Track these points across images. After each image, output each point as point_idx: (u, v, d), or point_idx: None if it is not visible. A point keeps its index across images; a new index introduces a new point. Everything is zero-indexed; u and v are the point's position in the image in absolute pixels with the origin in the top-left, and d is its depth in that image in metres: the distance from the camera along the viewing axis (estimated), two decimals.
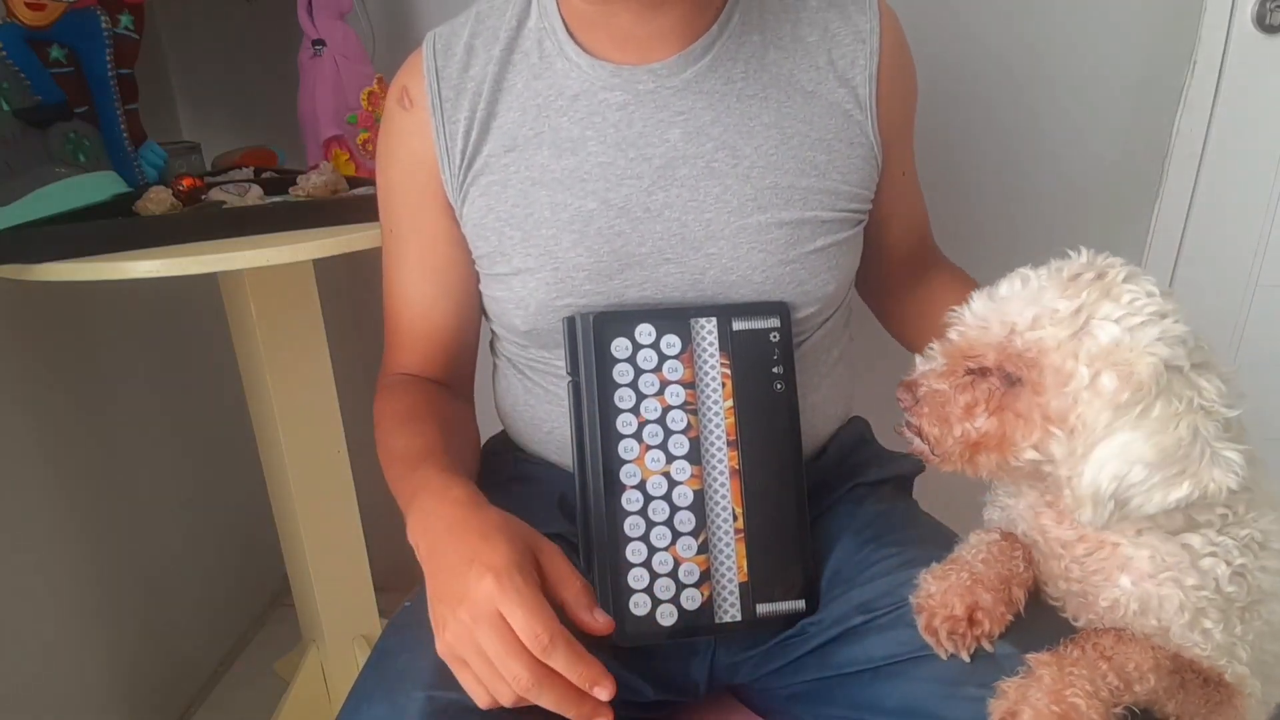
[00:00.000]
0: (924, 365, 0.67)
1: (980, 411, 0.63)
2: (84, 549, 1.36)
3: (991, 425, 0.63)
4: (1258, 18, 1.36)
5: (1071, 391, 0.60)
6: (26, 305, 1.25)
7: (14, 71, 0.99)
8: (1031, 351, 0.61)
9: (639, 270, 0.81)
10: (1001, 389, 0.63)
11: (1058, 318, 0.60)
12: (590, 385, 0.76)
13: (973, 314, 0.66)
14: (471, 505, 0.69)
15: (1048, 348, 0.60)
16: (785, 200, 0.80)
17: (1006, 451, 0.63)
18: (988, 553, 0.69)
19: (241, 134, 1.55)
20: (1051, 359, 0.60)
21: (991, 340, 0.64)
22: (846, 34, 0.82)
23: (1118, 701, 0.58)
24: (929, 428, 0.65)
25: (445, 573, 0.65)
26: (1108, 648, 0.61)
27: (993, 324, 0.64)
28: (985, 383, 0.64)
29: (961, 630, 0.66)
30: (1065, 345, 0.60)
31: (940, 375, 0.66)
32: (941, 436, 0.65)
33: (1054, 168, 1.49)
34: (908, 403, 0.67)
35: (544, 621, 0.60)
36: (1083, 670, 0.59)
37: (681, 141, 0.80)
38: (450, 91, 0.83)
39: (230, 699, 1.63)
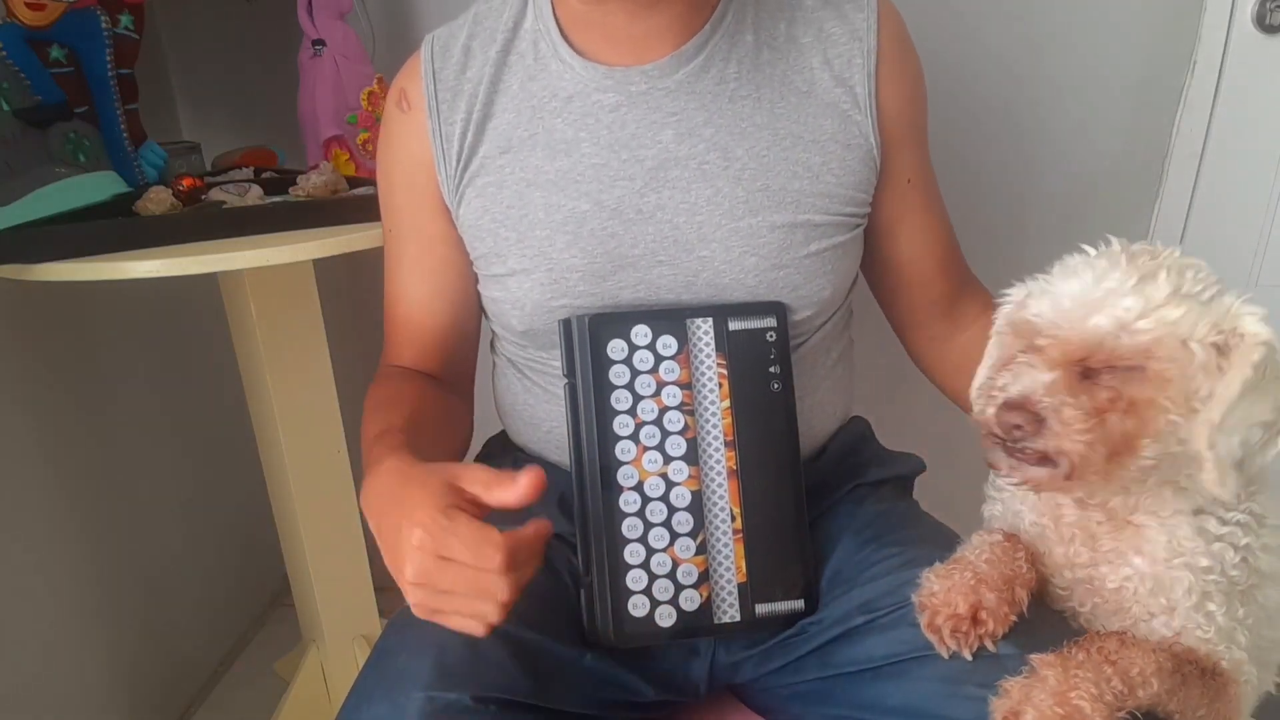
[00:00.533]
0: (1025, 381, 0.61)
1: (1113, 413, 0.60)
2: (84, 549, 1.36)
3: (1128, 424, 0.60)
4: (1258, 18, 1.36)
5: (1192, 373, 0.59)
6: (26, 305, 1.25)
7: (14, 71, 0.99)
8: (1149, 335, 0.59)
9: (633, 272, 0.81)
10: (1123, 381, 0.60)
11: (1158, 303, 0.59)
12: (587, 387, 0.76)
13: (1053, 313, 0.62)
14: (397, 473, 0.68)
15: (1162, 335, 0.59)
16: (777, 203, 0.80)
17: (1139, 448, 0.60)
18: (991, 553, 0.69)
19: (241, 134, 1.55)
20: (1167, 346, 0.59)
21: (1094, 338, 0.60)
22: (842, 33, 0.82)
23: (1121, 706, 0.58)
24: (1073, 446, 0.59)
25: (388, 548, 0.65)
26: (1112, 651, 0.60)
27: (1087, 320, 0.60)
28: (1102, 381, 0.60)
29: (965, 629, 0.65)
30: (1178, 328, 0.59)
31: (1060, 387, 0.60)
32: (1088, 453, 0.59)
33: (1054, 168, 1.48)
34: (1030, 426, 0.60)
35: (484, 541, 0.61)
36: (1087, 673, 0.58)
37: (674, 143, 0.80)
38: (447, 94, 0.83)
39: (230, 699, 1.63)
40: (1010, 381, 0.62)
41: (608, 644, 0.76)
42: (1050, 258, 0.75)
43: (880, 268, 0.93)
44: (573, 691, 0.75)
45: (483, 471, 0.65)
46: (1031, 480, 0.63)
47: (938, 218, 0.92)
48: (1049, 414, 0.59)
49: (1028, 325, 0.64)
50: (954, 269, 0.93)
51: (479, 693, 0.68)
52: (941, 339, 0.95)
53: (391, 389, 0.87)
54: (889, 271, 0.93)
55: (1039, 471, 0.62)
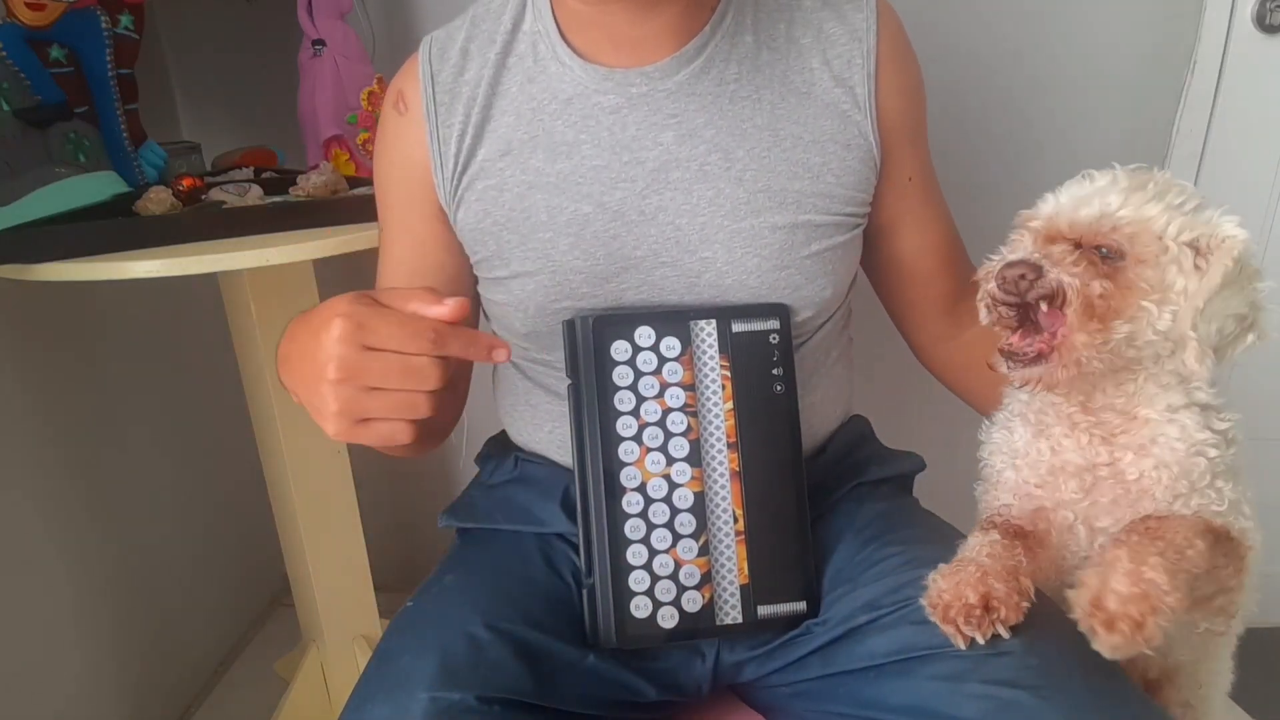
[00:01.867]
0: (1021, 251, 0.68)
1: (1096, 277, 0.65)
2: (84, 549, 1.36)
3: (1109, 290, 0.65)
4: (1258, 18, 1.37)
5: (1165, 264, 0.65)
6: (26, 305, 1.25)
7: (14, 71, 0.99)
8: (1130, 227, 0.66)
9: (635, 273, 0.81)
10: (1104, 261, 0.66)
11: (1144, 199, 0.66)
12: (590, 388, 0.76)
13: (1050, 208, 0.69)
14: (302, 316, 0.67)
15: (1144, 222, 0.66)
16: (778, 203, 0.80)
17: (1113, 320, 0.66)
18: (991, 549, 0.70)
19: (241, 134, 1.55)
20: (1143, 239, 0.66)
21: (1083, 221, 0.67)
22: (842, 33, 0.82)
23: (1180, 569, 0.60)
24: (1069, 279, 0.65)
25: (301, 358, 0.64)
26: (1156, 528, 0.64)
27: (1077, 211, 0.67)
28: (1086, 255, 0.66)
29: (978, 616, 0.66)
30: (1158, 221, 0.66)
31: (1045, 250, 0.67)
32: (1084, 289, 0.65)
33: (1054, 167, 1.47)
34: (1030, 274, 0.66)
35: (416, 317, 0.60)
36: (1149, 547, 0.61)
37: (674, 144, 0.80)
38: (445, 96, 0.83)
39: (230, 699, 1.63)
40: (1009, 251, 0.69)
41: (610, 645, 0.76)
42: None
43: (883, 267, 0.93)
44: (576, 692, 0.75)
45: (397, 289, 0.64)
46: (1031, 377, 0.69)
47: (939, 215, 0.92)
48: (1044, 261, 0.66)
49: (1029, 218, 0.72)
50: (957, 265, 0.93)
51: (482, 693, 0.68)
52: (946, 338, 0.95)
53: None
54: (892, 270, 0.93)
55: (1035, 370, 0.68)
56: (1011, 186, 1.49)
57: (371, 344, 0.60)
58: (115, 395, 1.44)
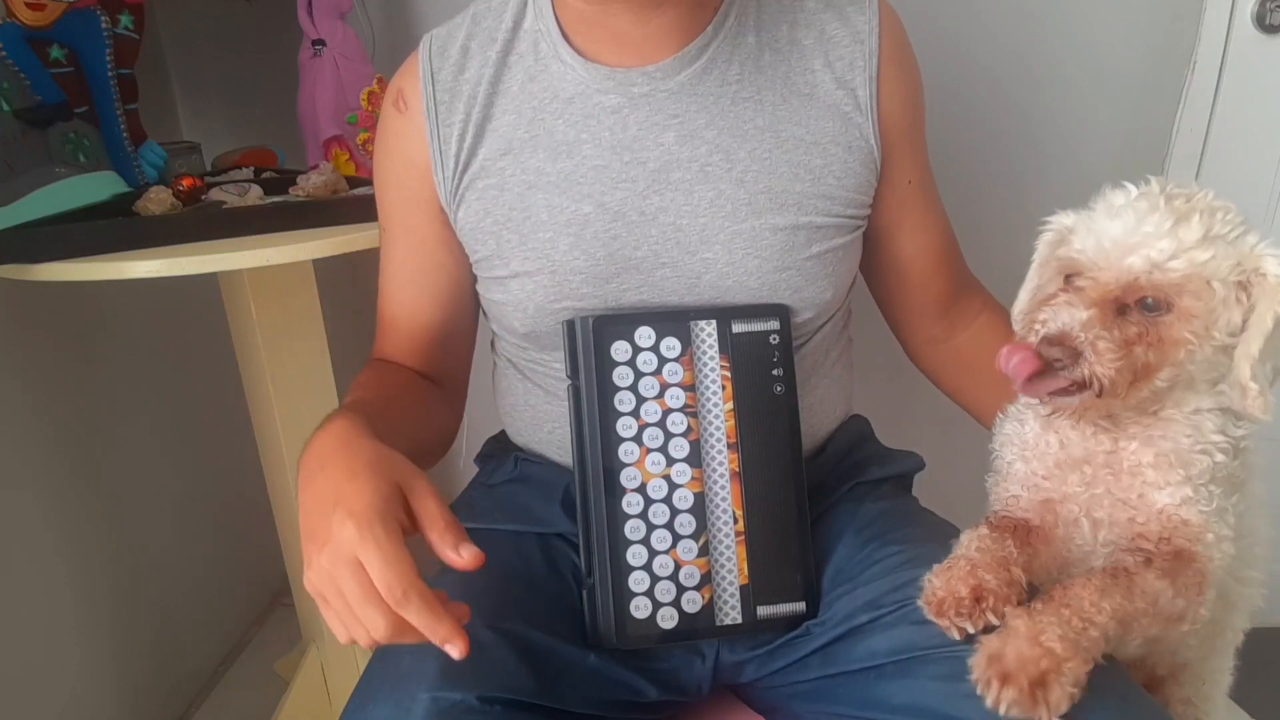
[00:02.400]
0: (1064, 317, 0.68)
1: (1138, 345, 0.66)
2: (84, 549, 1.36)
3: (1150, 356, 0.67)
4: (1258, 18, 1.37)
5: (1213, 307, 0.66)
6: (26, 305, 1.25)
7: (14, 71, 0.99)
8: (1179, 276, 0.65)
9: (635, 274, 0.81)
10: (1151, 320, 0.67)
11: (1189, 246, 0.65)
12: (590, 388, 0.76)
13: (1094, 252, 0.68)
14: (346, 436, 0.67)
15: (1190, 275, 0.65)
16: (779, 205, 0.80)
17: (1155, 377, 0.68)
18: (980, 543, 0.71)
19: (241, 134, 1.55)
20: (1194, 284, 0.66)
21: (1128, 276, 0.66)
22: (844, 35, 0.82)
23: (1084, 637, 0.62)
24: (1104, 371, 0.66)
25: (314, 512, 0.64)
26: (1061, 596, 0.65)
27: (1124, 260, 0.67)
28: (1131, 318, 0.67)
29: (969, 607, 0.67)
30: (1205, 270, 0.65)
31: (1096, 323, 0.67)
32: (1117, 378, 0.66)
33: (1054, 167, 1.49)
34: (1067, 359, 0.67)
35: (399, 574, 0.59)
36: (1050, 617, 0.63)
37: (676, 145, 0.79)
38: (445, 95, 0.83)
39: (230, 699, 1.63)
40: (1050, 317, 0.68)
41: (610, 645, 0.76)
42: None
43: (880, 269, 0.93)
44: (577, 691, 0.75)
45: (436, 503, 0.64)
46: (1063, 408, 0.70)
47: (937, 217, 0.92)
48: (1085, 348, 0.66)
49: (1070, 261, 0.71)
50: (953, 268, 0.94)
51: (483, 693, 0.68)
52: (940, 340, 0.96)
53: (369, 374, 0.87)
54: (889, 272, 0.93)
55: (1070, 400, 0.68)
56: (1011, 187, 1.50)
57: (361, 563, 0.60)
58: (115, 395, 1.44)
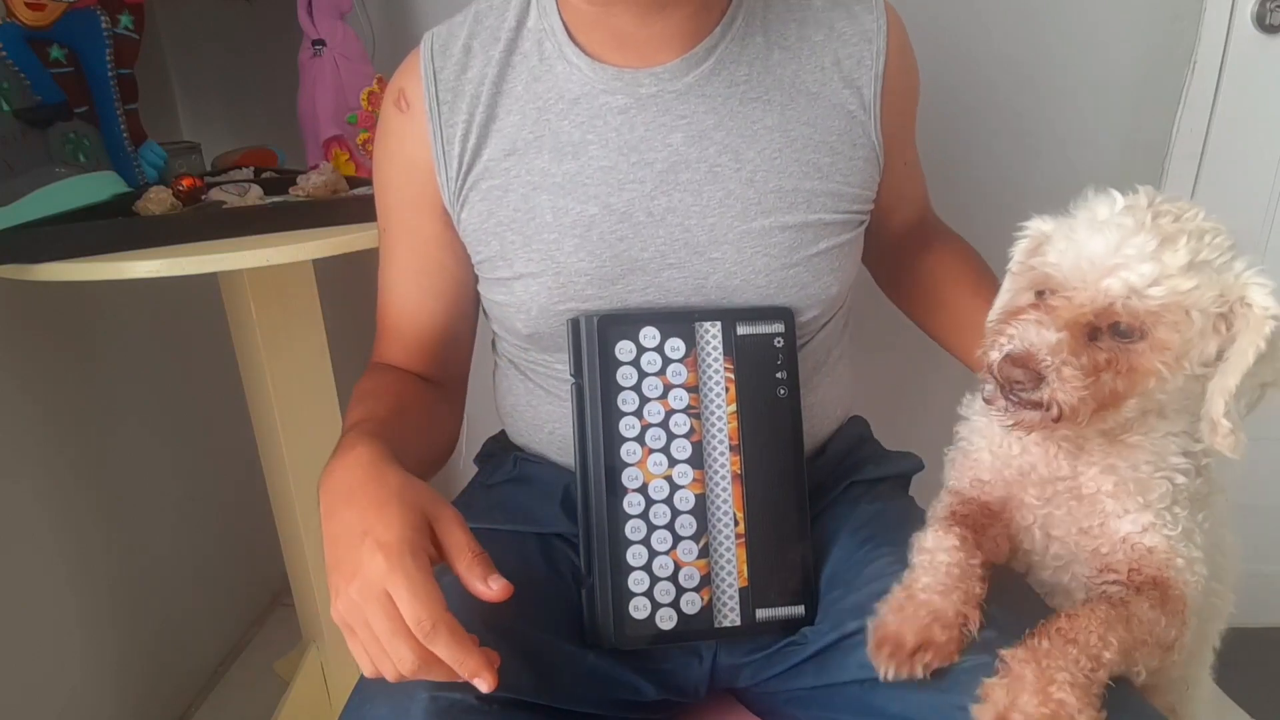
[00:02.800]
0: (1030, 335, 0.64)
1: (1107, 373, 0.64)
2: (84, 549, 1.36)
3: (1119, 384, 0.64)
4: (1258, 18, 1.37)
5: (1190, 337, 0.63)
6: (26, 305, 1.25)
7: (14, 71, 0.99)
8: (1158, 304, 0.62)
9: (641, 275, 0.80)
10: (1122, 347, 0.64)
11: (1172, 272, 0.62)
12: (593, 388, 0.76)
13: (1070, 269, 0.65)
14: (371, 465, 0.68)
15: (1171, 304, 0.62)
16: (789, 204, 0.80)
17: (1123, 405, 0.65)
18: (947, 578, 0.68)
19: (241, 134, 1.55)
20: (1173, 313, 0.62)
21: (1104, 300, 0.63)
22: (853, 34, 0.82)
23: (1094, 681, 0.60)
24: (1066, 398, 0.63)
25: (341, 543, 0.65)
26: (1068, 630, 0.62)
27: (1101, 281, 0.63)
28: (1103, 343, 0.64)
29: (901, 657, 0.66)
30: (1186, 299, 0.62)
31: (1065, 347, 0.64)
32: (1080, 405, 0.63)
33: (1054, 167, 1.49)
34: (1029, 380, 0.64)
35: (429, 607, 0.60)
36: (1057, 659, 0.60)
37: (684, 146, 0.79)
38: (448, 94, 0.82)
39: (230, 699, 1.63)
40: (1018, 334, 0.65)
41: (608, 645, 0.76)
42: None
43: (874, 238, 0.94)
44: (576, 690, 0.75)
45: (464, 533, 0.65)
46: (1023, 423, 0.67)
47: (921, 180, 0.98)
48: (1049, 372, 0.63)
49: (1044, 276, 0.67)
50: (926, 214, 0.99)
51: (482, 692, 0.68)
52: (907, 266, 0.99)
53: (375, 382, 0.87)
54: (878, 237, 0.95)
55: (1031, 414, 0.65)
56: (1011, 186, 1.49)
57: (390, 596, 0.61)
58: (115, 395, 1.43)
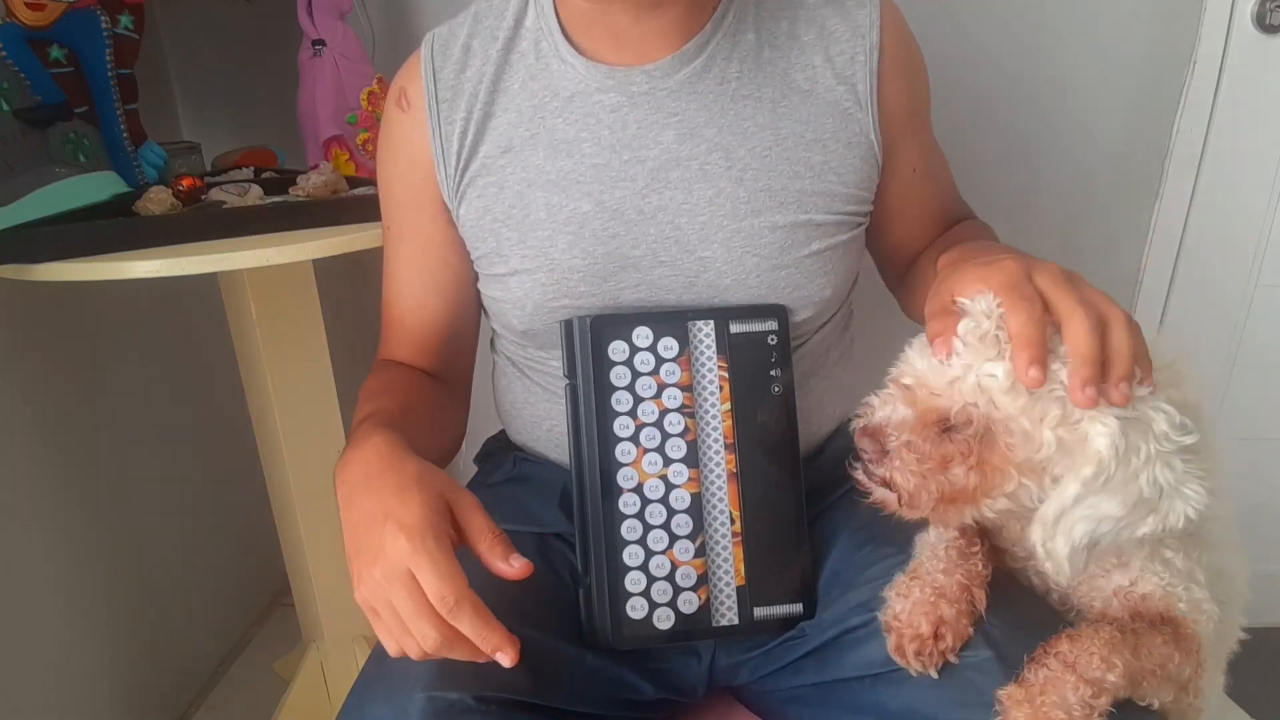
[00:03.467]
0: (886, 411, 0.63)
1: (958, 464, 0.62)
2: (84, 549, 1.36)
3: (970, 479, 0.62)
4: (1258, 18, 1.37)
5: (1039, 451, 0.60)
6: (26, 305, 1.25)
7: (14, 71, 0.99)
8: (1000, 416, 0.60)
9: (634, 272, 0.81)
10: (977, 441, 0.61)
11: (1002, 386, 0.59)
12: (587, 388, 0.76)
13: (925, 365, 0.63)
14: (389, 454, 0.69)
15: (1011, 414, 0.60)
16: (779, 203, 0.80)
17: (980, 502, 0.63)
18: (947, 559, 0.69)
19: (241, 134, 1.55)
20: (1019, 422, 0.60)
21: (955, 400, 0.61)
22: (844, 30, 0.81)
23: (1095, 709, 0.59)
24: (903, 481, 0.62)
25: (361, 527, 0.66)
26: (1068, 654, 0.62)
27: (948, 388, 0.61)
28: (960, 435, 0.62)
29: (929, 649, 0.67)
30: (1028, 412, 0.59)
31: (910, 426, 0.62)
32: (917, 491, 0.62)
33: (1054, 167, 1.49)
34: (874, 453, 0.64)
35: (451, 585, 0.60)
36: (1053, 694, 0.59)
37: (675, 143, 0.80)
38: (447, 93, 0.83)
39: (230, 699, 1.63)
40: (877, 406, 0.64)
41: (606, 646, 0.76)
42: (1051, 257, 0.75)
43: (881, 244, 0.93)
44: (574, 690, 0.75)
45: (482, 516, 0.66)
46: (876, 501, 0.66)
47: (940, 194, 0.92)
48: (892, 448, 0.62)
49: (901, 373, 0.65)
50: (949, 224, 0.94)
51: (480, 693, 0.68)
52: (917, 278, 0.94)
53: (384, 379, 0.87)
54: (889, 245, 0.93)
55: (884, 493, 0.65)
56: (1011, 187, 1.50)
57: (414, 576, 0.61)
58: (115, 395, 1.44)
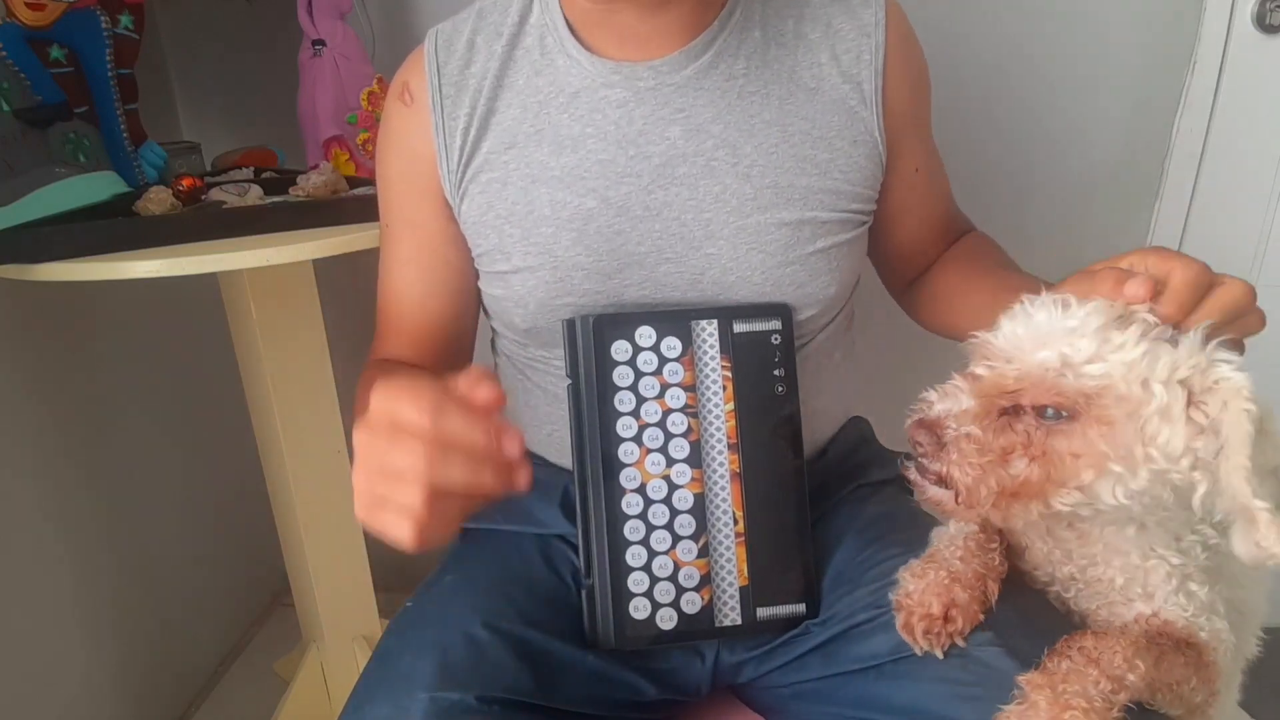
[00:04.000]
0: (946, 403, 0.60)
1: (1019, 456, 0.58)
2: (84, 549, 1.36)
3: (1033, 471, 0.58)
4: (1258, 18, 1.37)
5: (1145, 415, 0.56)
6: (26, 305, 1.25)
7: (14, 71, 0.99)
8: (1092, 385, 0.56)
9: (638, 269, 0.80)
10: (1044, 429, 0.58)
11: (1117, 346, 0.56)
12: (590, 388, 0.76)
13: (1005, 340, 0.60)
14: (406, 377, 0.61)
15: (1114, 380, 0.56)
16: (785, 200, 0.80)
17: (1049, 496, 0.59)
18: (965, 548, 0.70)
19: (241, 134, 1.55)
20: (1117, 391, 0.56)
21: (1034, 372, 0.58)
22: (850, 29, 0.81)
23: (1114, 704, 0.58)
24: (960, 475, 0.58)
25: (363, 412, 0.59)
26: (1091, 649, 0.61)
27: (1034, 354, 0.58)
28: (1021, 423, 0.58)
29: (937, 629, 0.67)
30: (1136, 369, 0.56)
31: (971, 416, 0.59)
32: (975, 486, 0.58)
33: (1055, 167, 1.49)
34: (930, 447, 0.60)
35: (423, 400, 0.54)
36: (1075, 684, 0.59)
37: (681, 139, 0.79)
38: (451, 88, 0.83)
39: (230, 699, 1.63)
40: (936, 399, 0.62)
41: (609, 646, 0.76)
42: (1050, 257, 0.76)
43: (883, 245, 0.93)
44: (576, 691, 0.75)
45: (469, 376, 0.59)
46: (931, 500, 0.63)
47: (940, 196, 0.94)
48: (950, 441, 0.59)
49: (983, 345, 0.63)
50: (950, 228, 0.95)
51: (482, 693, 0.68)
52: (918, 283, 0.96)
53: (382, 367, 0.87)
54: (893, 252, 0.94)
55: (938, 492, 0.62)
56: (1012, 187, 1.50)
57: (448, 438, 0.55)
58: (115, 395, 1.44)
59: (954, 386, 0.61)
